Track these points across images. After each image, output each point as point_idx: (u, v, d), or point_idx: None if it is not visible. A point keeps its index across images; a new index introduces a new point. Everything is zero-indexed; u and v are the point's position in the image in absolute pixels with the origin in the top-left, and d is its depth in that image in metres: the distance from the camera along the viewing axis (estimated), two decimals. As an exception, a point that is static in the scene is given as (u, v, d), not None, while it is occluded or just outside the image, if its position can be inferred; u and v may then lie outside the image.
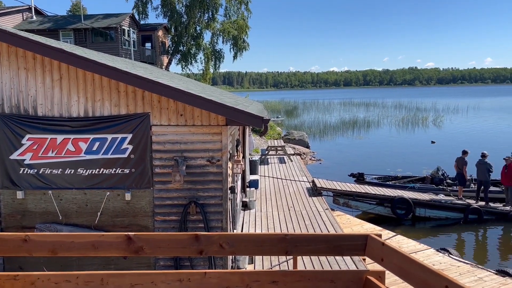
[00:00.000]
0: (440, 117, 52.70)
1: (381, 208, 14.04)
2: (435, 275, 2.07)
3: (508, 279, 8.22)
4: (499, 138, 33.16)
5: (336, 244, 2.74)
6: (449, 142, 30.60)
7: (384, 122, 49.66)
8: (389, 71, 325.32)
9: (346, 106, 79.83)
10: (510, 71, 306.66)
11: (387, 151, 28.75)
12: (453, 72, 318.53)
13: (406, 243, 10.23)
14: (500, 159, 14.40)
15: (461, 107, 67.18)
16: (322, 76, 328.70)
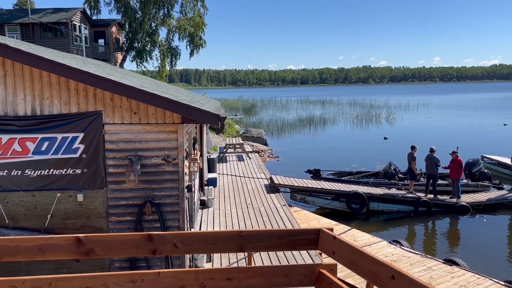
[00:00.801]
0: (392, 114, 54.65)
1: (337, 203, 14.38)
2: (383, 266, 2.15)
3: (455, 268, 8.66)
4: (447, 133, 34.85)
5: (289, 239, 2.79)
6: (400, 138, 31.80)
7: (340, 119, 50.86)
8: (344, 70, 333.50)
9: (303, 103, 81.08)
10: (457, 70, 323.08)
11: (342, 147, 29.47)
12: (404, 71, 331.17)
13: (361, 236, 10.55)
14: (447, 154, 15.13)
15: (412, 104, 69.99)
16: (280, 74, 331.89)
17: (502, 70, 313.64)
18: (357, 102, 77.97)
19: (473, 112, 57.17)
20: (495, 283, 7.90)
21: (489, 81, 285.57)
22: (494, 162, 20.31)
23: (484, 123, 42.34)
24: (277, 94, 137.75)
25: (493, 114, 52.10)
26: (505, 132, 32.92)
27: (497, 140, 28.80)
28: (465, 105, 71.72)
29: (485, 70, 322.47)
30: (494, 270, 9.40)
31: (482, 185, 16.14)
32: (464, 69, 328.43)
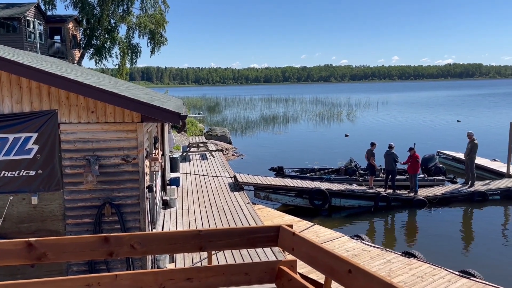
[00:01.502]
0: (353, 111, 55.90)
1: (300, 199, 14.56)
2: (340, 261, 2.19)
3: (413, 260, 8.97)
4: (405, 130, 36.03)
5: (249, 237, 2.78)
6: (361, 135, 32.57)
7: (303, 117, 51.51)
8: (307, 68, 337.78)
9: (267, 102, 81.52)
10: (414, 68, 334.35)
11: (305, 145, 29.86)
12: (364, 69, 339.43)
13: (323, 232, 10.73)
14: (405, 150, 15.63)
15: (372, 102, 71.87)
16: (243, 72, 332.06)
17: (456, 69, 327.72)
18: (319, 100, 79.25)
19: (429, 109, 59.41)
20: (449, 273, 8.24)
21: (444, 80, 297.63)
22: (448, 157, 21.18)
23: (439, 120, 44.10)
24: (240, 92, 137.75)
25: (447, 111, 54.35)
26: (458, 128, 34.41)
27: (451, 136, 30.10)
28: (421, 102, 74.42)
29: (440, 69, 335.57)
30: (449, 261, 9.80)
31: (437, 179, 16.79)
32: (420, 68, 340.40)
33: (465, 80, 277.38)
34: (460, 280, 7.95)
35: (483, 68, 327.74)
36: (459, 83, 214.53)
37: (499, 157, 19.50)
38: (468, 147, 15.72)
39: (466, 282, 7.87)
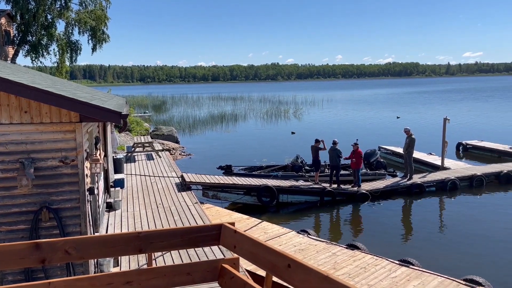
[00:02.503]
0: (299, 109, 57.00)
1: (248, 197, 14.64)
2: (280, 256, 2.22)
3: (356, 251, 9.31)
4: (348, 126, 37.29)
5: (191, 236, 2.75)
6: (307, 132, 33.29)
7: (251, 115, 51.80)
8: (254, 67, 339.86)
9: (215, 100, 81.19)
10: (356, 67, 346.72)
11: (253, 142, 30.06)
12: (310, 68, 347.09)
13: (271, 228, 10.86)
14: (348, 145, 16.18)
15: (317, 100, 73.73)
16: (190, 70, 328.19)
17: (395, 68, 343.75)
18: (267, 98, 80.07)
19: (371, 106, 61.88)
20: (390, 263, 8.63)
21: (384, 78, 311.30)
22: (389, 152, 22.19)
23: (380, 116, 46.05)
24: (188, 90, 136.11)
25: (387, 108, 56.89)
26: (398, 124, 36.05)
27: (391, 132, 31.54)
28: (363, 100, 77.32)
29: (381, 68, 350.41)
30: (390, 251, 10.28)
31: (379, 173, 17.54)
32: (363, 66, 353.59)
33: (403, 79, 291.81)
34: (400, 268, 8.35)
35: (420, 67, 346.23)
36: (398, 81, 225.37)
37: (434, 151, 20.69)
38: (406, 142, 16.54)
39: (405, 270, 8.28)
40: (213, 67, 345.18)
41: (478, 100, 68.63)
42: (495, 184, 16.74)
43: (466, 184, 16.48)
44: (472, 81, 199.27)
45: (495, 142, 23.74)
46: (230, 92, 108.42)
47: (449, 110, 47.90)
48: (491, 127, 34.97)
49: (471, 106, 56.79)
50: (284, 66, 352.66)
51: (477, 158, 22.10)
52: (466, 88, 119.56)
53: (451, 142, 20.33)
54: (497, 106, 57.16)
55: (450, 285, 7.62)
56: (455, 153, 23.48)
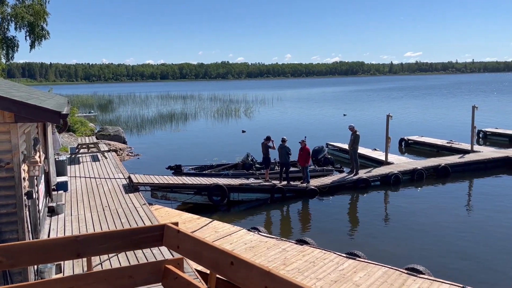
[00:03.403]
0: (250, 108, 57.30)
1: (198, 197, 14.51)
2: (222, 254, 2.21)
3: (306, 246, 9.49)
4: (297, 124, 37.95)
5: (132, 238, 2.67)
6: (257, 130, 33.50)
7: (201, 114, 51.39)
8: (204, 65, 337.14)
9: (164, 99, 79.77)
10: (305, 66, 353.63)
11: (204, 142, 29.83)
12: (260, 67, 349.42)
13: (222, 227, 10.82)
14: (297, 143, 16.45)
15: (267, 99, 74.40)
16: (138, 68, 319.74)
17: (342, 67, 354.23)
18: (217, 97, 79.81)
19: (319, 104, 63.38)
20: (338, 256, 8.88)
21: (332, 77, 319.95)
22: (336, 148, 22.84)
23: (327, 114, 47.29)
24: (135, 89, 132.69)
25: (334, 106, 58.53)
26: (345, 121, 37.16)
27: (338, 129, 32.46)
28: (312, 98, 79.04)
29: (328, 67, 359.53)
30: (338, 244, 10.57)
31: (326, 169, 18.00)
32: (311, 65, 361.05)
33: (350, 77, 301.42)
34: (347, 261, 8.62)
35: (365, 66, 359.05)
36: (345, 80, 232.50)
37: (378, 147, 21.54)
38: (351, 138, 17.09)
39: (352, 262, 8.55)
40: (162, 65, 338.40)
41: (418, 98, 72.29)
42: (434, 176, 17.70)
43: (408, 177, 17.30)
44: (412, 79, 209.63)
45: (434, 137, 25.10)
46: (180, 91, 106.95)
47: (391, 108, 50.06)
48: (430, 123, 36.96)
49: (412, 103, 59.71)
50: (234, 64, 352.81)
51: (418, 153, 23.25)
52: (407, 86, 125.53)
53: (394, 138, 21.27)
54: (434, 103, 60.49)
55: (393, 274, 7.97)
56: (398, 148, 24.57)
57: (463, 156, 19.74)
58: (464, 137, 23.43)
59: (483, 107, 40.14)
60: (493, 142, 26.04)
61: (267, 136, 16.23)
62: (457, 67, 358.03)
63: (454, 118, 39.57)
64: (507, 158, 19.36)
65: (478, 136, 26.34)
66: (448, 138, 23.99)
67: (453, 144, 22.58)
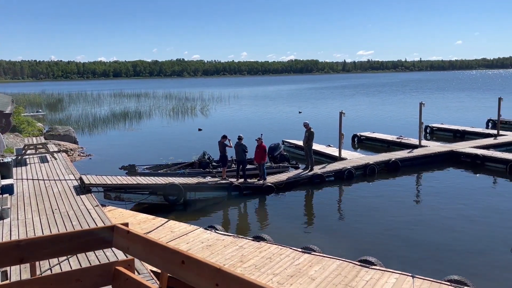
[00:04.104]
0: (206, 106, 56.97)
1: (154, 197, 14.26)
2: (173, 253, 2.19)
3: (262, 243, 9.57)
4: (253, 122, 38.15)
5: (80, 241, 2.58)
6: (214, 128, 33.37)
7: (156, 112, 50.49)
8: (159, 62, 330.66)
9: (117, 97, 77.68)
10: (261, 64, 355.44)
11: (159, 140, 29.33)
12: (216, 64, 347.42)
13: (178, 227, 10.70)
14: (253, 140, 16.54)
15: (224, 96, 74.26)
16: (89, 66, 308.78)
17: (297, 65, 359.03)
18: (173, 95, 78.76)
19: (274, 102, 64.03)
20: (294, 251, 9.03)
21: (287, 74, 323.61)
22: (292, 145, 23.17)
23: (283, 111, 47.87)
24: (87, 87, 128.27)
25: (290, 104, 59.33)
26: (300, 119, 37.75)
27: (294, 126, 32.92)
28: (268, 96, 79.68)
29: (284, 65, 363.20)
30: (294, 239, 10.74)
31: (282, 166, 18.22)
32: (267, 63, 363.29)
33: (305, 75, 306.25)
34: (303, 255, 8.78)
35: (319, 64, 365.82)
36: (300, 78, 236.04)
37: (332, 143, 22.06)
38: (306, 135, 17.40)
39: (307, 257, 8.72)
40: (115, 62, 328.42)
41: (369, 95, 74.69)
42: (385, 171, 18.37)
43: (361, 172, 17.85)
44: (364, 77, 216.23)
45: (384, 133, 26.04)
46: (134, 89, 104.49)
47: (344, 105, 51.44)
48: (381, 119, 38.32)
49: (363, 101, 61.62)
50: (190, 62, 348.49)
51: (370, 148, 24.05)
52: (359, 84, 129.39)
53: (347, 135, 21.86)
54: (385, 100, 62.76)
55: (347, 267, 8.20)
56: (351, 144, 25.28)
57: (411, 151, 20.62)
58: (412, 133, 24.47)
59: (429, 103, 42.16)
60: (439, 137, 27.39)
61: (224, 134, 16.20)
62: (406, 66, 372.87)
63: (403, 114, 41.23)
64: (451, 152, 20.43)
65: (425, 132, 27.63)
66: (397, 134, 24.97)
67: (402, 139, 23.53)
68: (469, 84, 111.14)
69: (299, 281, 7.65)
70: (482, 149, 20.52)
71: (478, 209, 13.56)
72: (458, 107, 49.06)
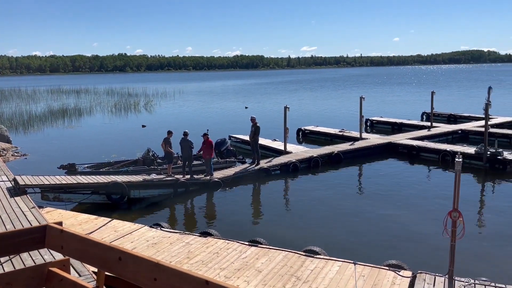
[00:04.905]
0: (150, 101, 55.63)
1: (96, 196, 13.76)
2: (109, 250, 2.13)
3: (209, 238, 9.55)
4: (199, 117, 37.83)
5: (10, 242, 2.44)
6: (159, 124, 32.69)
7: (97, 109, 48.63)
8: (99, 57, 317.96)
9: (54, 94, 73.78)
10: (207, 59, 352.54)
11: (101, 138, 28.30)
12: (160, 59, 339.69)
13: (122, 226, 10.41)
14: (199, 136, 16.40)
15: (169, 92, 72.90)
16: (23, 61, 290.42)
17: (243, 60, 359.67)
18: (115, 90, 76.11)
19: (221, 97, 63.83)
20: (241, 245, 9.09)
21: (233, 70, 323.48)
22: (239, 140, 23.25)
23: (229, 107, 47.86)
24: (20, 83, 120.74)
25: (236, 99, 59.43)
26: (247, 114, 37.94)
27: (240, 121, 33.04)
28: (214, 91, 79.28)
29: (229, 60, 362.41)
30: (242, 233, 10.79)
31: (229, 161, 18.24)
32: (212, 58, 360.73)
33: (250, 71, 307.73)
34: (249, 249, 8.86)
35: (264, 60, 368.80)
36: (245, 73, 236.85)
37: (278, 137, 22.40)
38: (252, 130, 17.52)
39: (254, 249, 8.82)
40: (51, 57, 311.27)
41: (313, 90, 76.55)
42: (329, 163, 18.94)
43: (305, 165, 18.28)
44: (308, 73, 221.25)
45: (327, 127, 26.81)
46: (73, 85, 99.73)
47: (289, 100, 52.35)
48: (324, 113, 39.43)
49: (307, 95, 63.06)
50: (132, 57, 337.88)
51: (314, 142, 24.67)
52: (303, 79, 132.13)
53: (291, 129, 22.26)
54: (328, 94, 64.62)
55: (292, 257, 8.39)
56: (296, 138, 25.80)
57: (353, 143, 21.41)
58: (354, 126, 25.38)
59: (369, 98, 43.94)
60: (379, 129, 28.66)
61: (169, 130, 15.93)
62: (348, 61, 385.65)
63: (345, 108, 42.68)
64: (389, 144, 21.45)
65: (366, 125, 28.77)
66: (340, 127, 25.80)
67: (344, 132, 24.35)
68: (405, 79, 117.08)
69: (246, 273, 7.73)
70: (417, 140, 21.74)
71: (414, 196, 14.37)
72: (396, 100, 51.56)
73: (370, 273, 7.62)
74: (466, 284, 7.02)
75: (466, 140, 23.78)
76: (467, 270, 8.23)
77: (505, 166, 17.12)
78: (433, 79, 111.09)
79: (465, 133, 24.83)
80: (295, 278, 7.50)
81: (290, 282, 7.38)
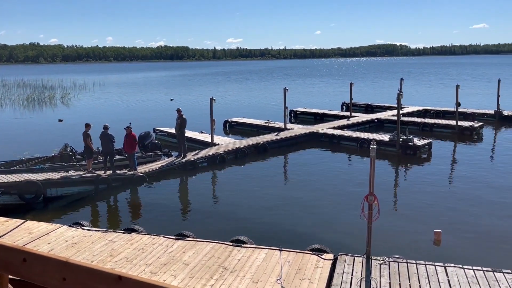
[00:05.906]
0: (67, 94, 52.36)
1: (6, 197, 12.72)
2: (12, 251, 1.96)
3: (134, 234, 9.24)
4: (121, 110, 36.36)
5: None
6: (77, 118, 30.86)
7: (7, 102, 44.87)
8: (8, 47, 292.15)
9: (-46, 86, 66.55)
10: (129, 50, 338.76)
11: (11, 134, 26.12)
12: (77, 50, 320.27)
13: (37, 227, 9.72)
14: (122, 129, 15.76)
15: (88, 84, 69.13)
16: None
17: (167, 51, 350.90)
18: (27, 83, 70.57)
19: (144, 89, 61.88)
20: (167, 239, 8.91)
21: (157, 61, 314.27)
22: (164, 133, 22.73)
23: (153, 99, 46.57)
24: None
25: (161, 91, 57.96)
26: (172, 106, 37.16)
27: (166, 114, 32.28)
28: (137, 83, 76.62)
29: (153, 51, 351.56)
30: (169, 228, 10.56)
31: (154, 155, 17.75)
32: (135, 49, 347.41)
33: (175, 62, 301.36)
34: (176, 242, 8.73)
35: (190, 51, 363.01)
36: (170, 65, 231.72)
37: (204, 129, 22.25)
38: (178, 122, 17.21)
39: (181, 243, 8.70)
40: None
41: (238, 82, 77.02)
42: (255, 153, 19.22)
43: (232, 156, 18.37)
44: (234, 64, 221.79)
45: (253, 118, 27.14)
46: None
47: (215, 91, 52.15)
48: (250, 105, 39.87)
49: (233, 87, 63.31)
50: (46, 46, 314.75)
51: (241, 133, 24.86)
52: (229, 71, 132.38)
53: (218, 120, 22.26)
54: (253, 86, 65.39)
55: (220, 248, 8.41)
56: (223, 130, 25.81)
57: (278, 133, 21.92)
58: (279, 117, 25.98)
59: (293, 89, 45.20)
60: (302, 120, 29.61)
61: (86, 123, 15.11)
62: (272, 54, 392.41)
63: (270, 100, 43.49)
64: (312, 133, 22.27)
65: (290, 116, 29.54)
66: (265, 119, 26.25)
67: (270, 123, 24.82)
68: (326, 71, 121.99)
69: (173, 268, 7.61)
70: (338, 129, 22.81)
71: (336, 183, 15.09)
72: (318, 92, 53.58)
73: (295, 258, 7.87)
74: (381, 262, 7.53)
75: (382, 129, 25.42)
76: (384, 248, 8.82)
77: (415, 152, 18.58)
78: (351, 71, 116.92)
79: (381, 122, 26.52)
80: (222, 269, 7.53)
81: (217, 272, 7.40)
